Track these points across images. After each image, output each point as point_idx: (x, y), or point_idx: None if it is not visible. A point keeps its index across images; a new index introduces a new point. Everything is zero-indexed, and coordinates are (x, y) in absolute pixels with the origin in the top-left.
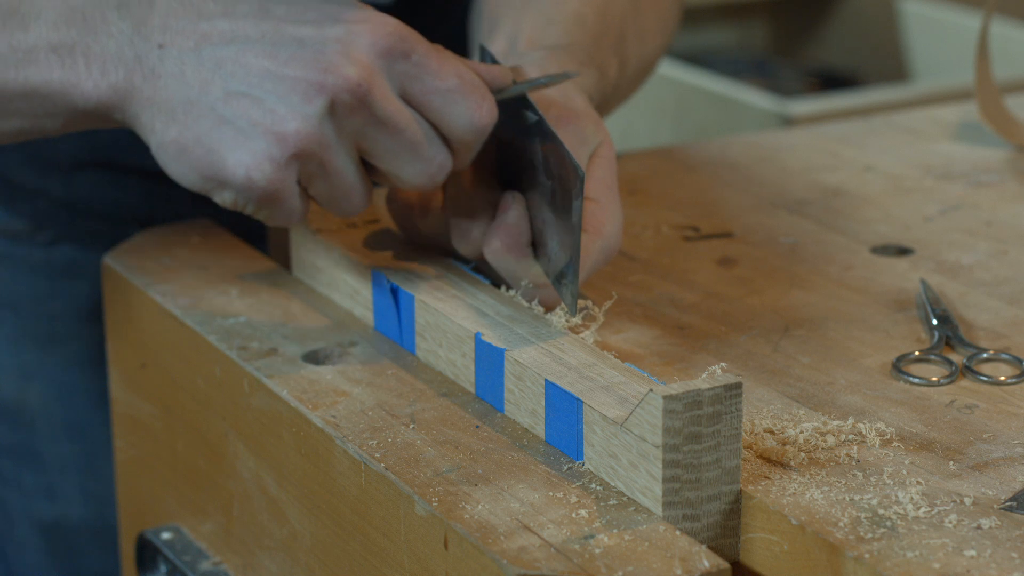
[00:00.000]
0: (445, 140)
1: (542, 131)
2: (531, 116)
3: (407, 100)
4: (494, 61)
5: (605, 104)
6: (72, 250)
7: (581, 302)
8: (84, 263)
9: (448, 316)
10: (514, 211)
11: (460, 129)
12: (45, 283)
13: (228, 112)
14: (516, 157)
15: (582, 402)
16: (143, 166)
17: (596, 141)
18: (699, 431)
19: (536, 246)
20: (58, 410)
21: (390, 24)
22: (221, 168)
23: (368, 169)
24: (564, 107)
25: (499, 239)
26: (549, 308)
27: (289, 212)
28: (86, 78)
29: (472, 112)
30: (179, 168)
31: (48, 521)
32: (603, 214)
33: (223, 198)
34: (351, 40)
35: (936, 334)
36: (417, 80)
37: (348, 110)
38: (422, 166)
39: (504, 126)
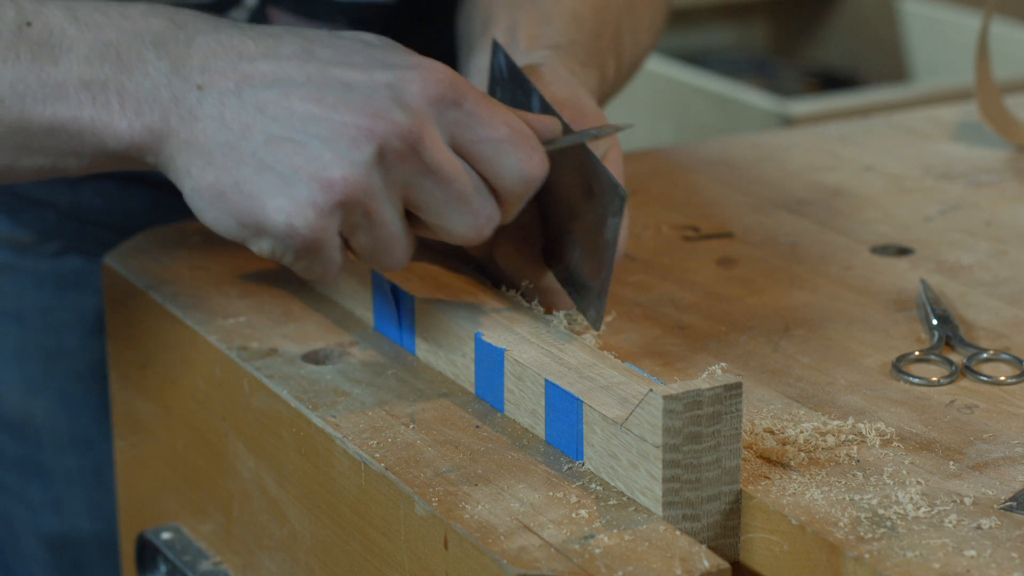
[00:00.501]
0: (494, 192)
1: (574, 145)
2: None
3: (456, 149)
4: (508, 59)
5: (601, 102)
6: (79, 261)
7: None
8: (91, 274)
9: (448, 316)
10: (527, 215)
11: (510, 180)
12: (51, 295)
13: (270, 157)
14: None
15: (582, 402)
16: (149, 176)
17: (606, 145)
18: (699, 431)
19: (550, 252)
20: (64, 423)
21: (441, 71)
22: (261, 215)
23: (411, 221)
24: (575, 110)
25: (511, 241)
26: (552, 311)
27: (328, 264)
28: (120, 117)
29: (523, 163)
30: (215, 214)
31: (55, 535)
32: None
33: (260, 247)
34: (401, 86)
35: (936, 334)
36: (468, 129)
37: (398, 158)
38: (470, 218)
39: None
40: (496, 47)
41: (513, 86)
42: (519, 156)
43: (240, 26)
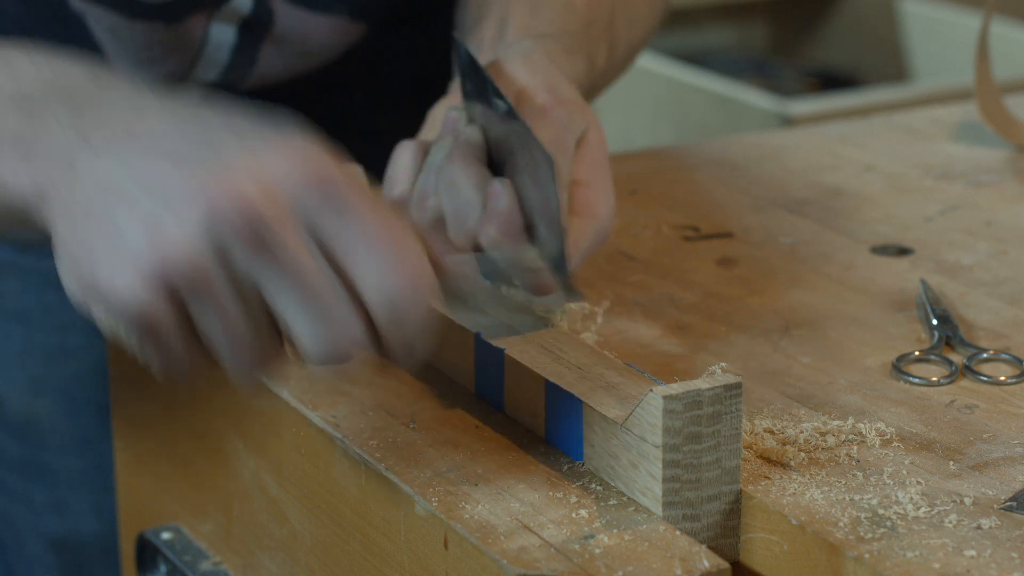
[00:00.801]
0: (364, 312)
1: (512, 119)
2: (500, 105)
3: (322, 248)
4: (469, 56)
5: (592, 91)
6: None
7: (575, 305)
8: None
9: (448, 316)
10: (505, 198)
11: (373, 296)
12: (54, 294)
13: (120, 216)
14: (497, 145)
15: (582, 402)
16: None
17: (582, 127)
18: (699, 431)
19: (528, 231)
20: (67, 424)
21: (322, 160)
22: (95, 277)
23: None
24: (549, 94)
25: (494, 226)
26: (546, 293)
27: (167, 353)
28: (13, 171)
29: (390, 279)
30: (65, 277)
31: (58, 537)
32: (594, 196)
33: (100, 314)
34: (267, 160)
35: (936, 334)
36: (332, 225)
37: (235, 236)
38: (324, 330)
39: (483, 115)
40: (456, 43)
41: (478, 82)
42: (387, 269)
43: (161, 89)
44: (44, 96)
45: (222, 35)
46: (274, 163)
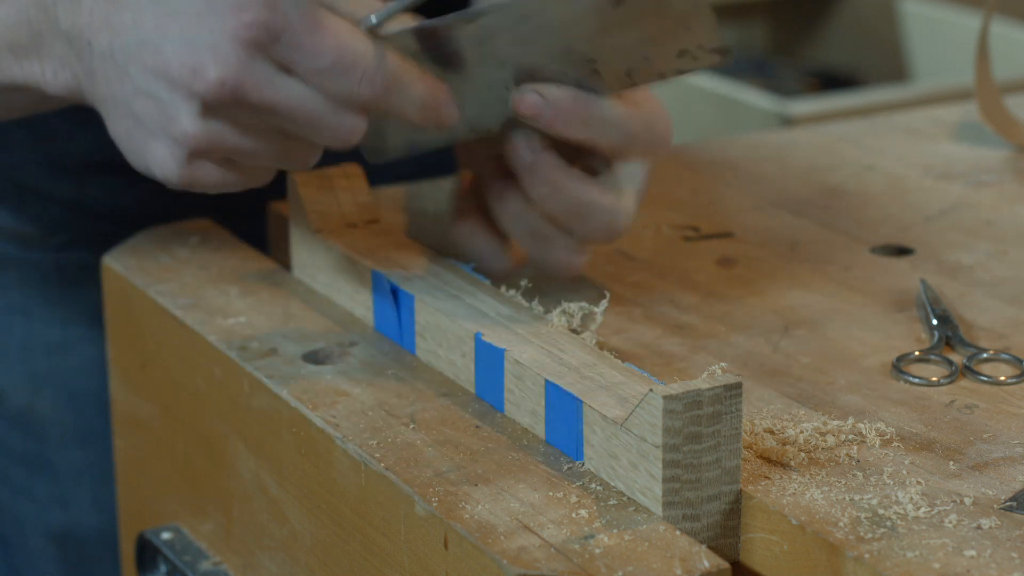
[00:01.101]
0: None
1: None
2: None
3: (296, 76)
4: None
5: None
6: (83, 254)
7: (575, 305)
8: (95, 267)
9: (448, 316)
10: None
11: (347, 101)
12: (56, 288)
13: (138, 110)
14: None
15: (582, 402)
16: None
17: None
18: (699, 431)
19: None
20: (70, 418)
21: (252, 11)
22: (148, 166)
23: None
24: None
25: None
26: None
27: (224, 187)
28: (42, 75)
29: (352, 90)
30: (130, 161)
31: (60, 530)
32: (651, 111)
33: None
34: (219, 33)
35: (936, 334)
36: (294, 61)
37: (226, 107)
38: (330, 133)
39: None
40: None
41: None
42: (347, 83)
43: None
44: (39, 7)
45: None
46: (222, 31)
